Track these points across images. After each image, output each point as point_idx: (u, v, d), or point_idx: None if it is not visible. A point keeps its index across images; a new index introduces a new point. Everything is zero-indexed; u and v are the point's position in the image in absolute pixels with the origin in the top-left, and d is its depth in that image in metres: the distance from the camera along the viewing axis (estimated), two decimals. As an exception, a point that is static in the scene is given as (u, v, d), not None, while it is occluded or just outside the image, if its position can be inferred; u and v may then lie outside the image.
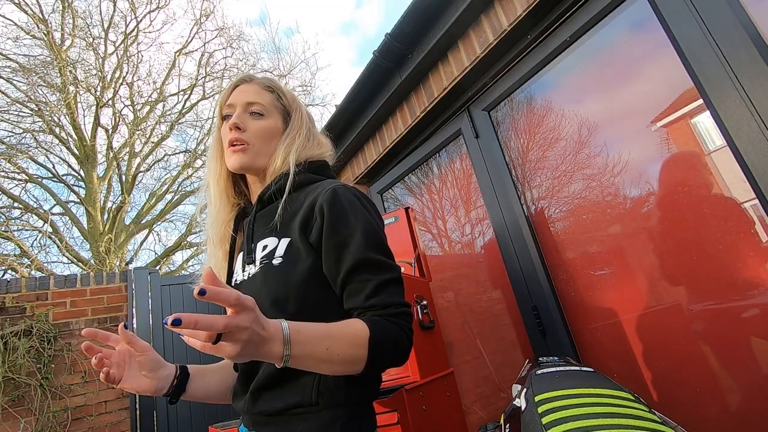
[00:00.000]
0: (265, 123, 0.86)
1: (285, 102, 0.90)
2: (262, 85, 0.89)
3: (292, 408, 0.69)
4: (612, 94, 1.51)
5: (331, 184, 0.79)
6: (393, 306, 0.70)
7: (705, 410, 1.24)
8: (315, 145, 0.92)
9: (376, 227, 0.76)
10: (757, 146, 1.07)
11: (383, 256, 0.74)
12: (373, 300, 0.69)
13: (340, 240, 0.73)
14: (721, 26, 1.13)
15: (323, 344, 0.61)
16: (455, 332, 2.22)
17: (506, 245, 1.81)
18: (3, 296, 2.95)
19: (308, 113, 0.94)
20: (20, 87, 8.69)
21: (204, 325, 0.47)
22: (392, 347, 0.66)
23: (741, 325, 1.17)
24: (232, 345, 0.50)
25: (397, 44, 1.97)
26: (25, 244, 8.29)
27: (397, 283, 0.73)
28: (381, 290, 0.70)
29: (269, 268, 0.76)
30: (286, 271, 0.74)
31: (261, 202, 0.86)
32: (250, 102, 0.86)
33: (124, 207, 9.61)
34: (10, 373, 2.77)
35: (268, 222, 0.82)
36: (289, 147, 0.85)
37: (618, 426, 0.60)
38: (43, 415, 2.79)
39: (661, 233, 1.36)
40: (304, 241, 0.75)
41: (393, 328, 0.67)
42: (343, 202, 0.75)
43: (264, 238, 0.80)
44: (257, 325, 0.52)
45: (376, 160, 2.57)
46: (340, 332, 0.64)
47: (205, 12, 11.09)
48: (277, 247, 0.77)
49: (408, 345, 0.69)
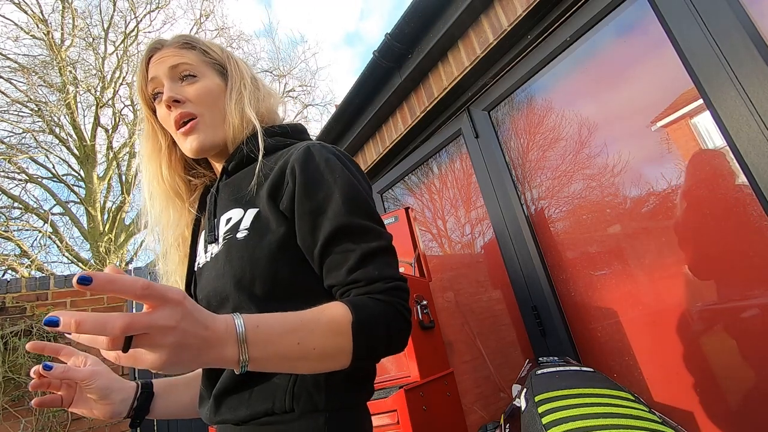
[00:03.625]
0: (202, 84, 0.71)
1: (214, 55, 0.75)
2: (179, 45, 0.73)
3: (260, 416, 0.56)
4: (612, 94, 1.51)
5: (305, 143, 0.67)
6: (382, 280, 0.57)
7: (705, 410, 1.24)
8: (266, 94, 0.78)
9: (359, 188, 0.63)
10: (757, 146, 1.07)
11: (368, 220, 0.61)
12: (357, 273, 0.57)
13: (316, 205, 0.60)
14: (721, 26, 1.13)
15: (292, 339, 0.48)
16: (455, 332, 2.22)
17: (506, 245, 1.81)
18: (3, 296, 2.95)
19: (244, 62, 0.79)
20: (20, 87, 8.71)
21: (91, 326, 0.34)
22: (384, 331, 0.54)
23: (741, 325, 1.17)
24: (152, 353, 0.39)
25: (397, 44, 1.97)
26: (25, 244, 8.30)
27: (387, 253, 0.60)
28: (366, 261, 0.57)
29: (233, 243, 0.63)
30: (252, 245, 0.61)
31: (226, 172, 0.73)
32: (173, 65, 0.70)
33: (124, 207, 9.61)
34: (10, 373, 2.77)
35: (233, 192, 0.70)
36: (240, 102, 0.72)
37: (618, 426, 0.60)
38: (43, 415, 2.80)
39: (661, 233, 1.36)
40: (273, 209, 0.63)
41: (382, 307, 0.55)
42: (318, 161, 0.63)
43: (227, 211, 0.68)
44: (191, 323, 0.40)
45: (376, 160, 2.57)
46: (313, 320, 0.51)
47: (205, 12, 11.09)
48: (243, 218, 0.64)
49: (405, 326, 0.57)
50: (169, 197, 0.77)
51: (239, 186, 0.69)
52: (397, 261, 0.62)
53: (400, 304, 0.57)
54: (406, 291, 0.59)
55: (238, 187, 0.70)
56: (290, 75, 12.34)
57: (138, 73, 0.74)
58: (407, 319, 0.57)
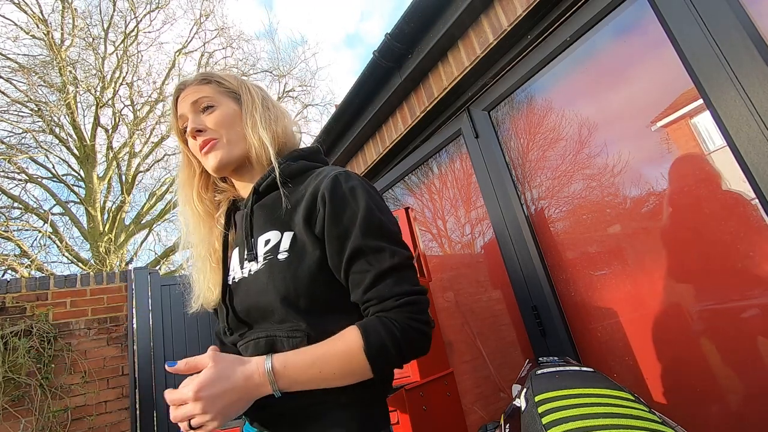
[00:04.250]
0: (219, 111, 0.82)
1: (228, 85, 0.86)
2: (197, 82, 0.85)
3: (306, 407, 0.68)
4: (612, 94, 1.51)
5: (332, 171, 0.75)
6: (393, 297, 0.65)
7: (705, 410, 1.24)
8: (279, 114, 0.88)
9: (376, 211, 0.71)
10: (757, 146, 1.07)
11: (383, 240, 0.69)
12: (370, 293, 0.66)
13: (342, 230, 0.69)
14: (721, 26, 1.13)
15: (314, 370, 0.63)
16: (455, 332, 2.22)
17: (506, 245, 1.81)
18: (3, 296, 2.95)
19: (256, 86, 0.90)
20: (20, 87, 8.70)
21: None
22: (395, 346, 0.62)
23: (741, 325, 1.17)
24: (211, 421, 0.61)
25: (397, 44, 1.97)
26: (25, 244, 8.30)
27: (399, 270, 0.68)
28: (379, 281, 0.66)
29: (275, 263, 0.72)
30: (294, 266, 0.70)
31: (257, 193, 0.81)
32: (195, 102, 0.83)
33: (124, 207, 9.61)
34: (11, 373, 2.77)
35: (268, 214, 0.78)
36: (255, 125, 0.82)
37: (618, 426, 0.60)
38: (43, 415, 2.80)
39: (661, 233, 1.36)
40: (309, 234, 0.72)
41: (390, 326, 0.63)
42: (343, 190, 0.72)
43: (265, 232, 0.76)
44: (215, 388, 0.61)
45: (376, 160, 2.57)
46: (330, 351, 0.63)
47: (205, 12, 11.09)
48: (281, 241, 0.73)
49: (416, 336, 0.64)
50: (200, 217, 0.88)
51: (272, 208, 0.78)
52: (411, 273, 0.70)
53: (412, 318, 0.65)
54: (418, 303, 0.67)
55: (271, 209, 0.78)
56: (290, 75, 12.33)
57: (171, 113, 0.88)
58: (419, 329, 0.65)
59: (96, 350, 3.16)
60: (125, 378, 3.20)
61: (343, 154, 2.75)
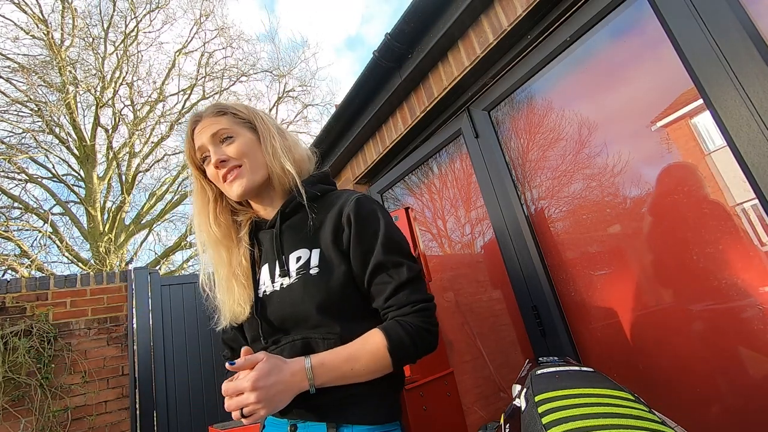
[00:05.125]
0: (239, 141, 0.89)
1: (243, 115, 0.92)
2: (213, 114, 0.91)
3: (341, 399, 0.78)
4: (612, 94, 1.51)
5: (353, 195, 0.87)
6: (410, 305, 0.78)
7: (705, 410, 1.24)
8: (294, 141, 0.97)
9: (394, 231, 0.84)
10: (757, 146, 1.07)
11: (401, 257, 0.81)
12: (391, 301, 0.79)
13: (366, 247, 0.81)
14: (721, 26, 1.12)
15: (346, 367, 0.74)
16: (455, 332, 2.22)
17: (506, 245, 1.81)
18: (3, 296, 2.95)
19: (267, 114, 0.97)
20: (20, 87, 8.70)
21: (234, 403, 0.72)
22: (412, 344, 0.75)
23: (741, 325, 1.17)
24: (260, 410, 0.70)
25: (397, 44, 1.97)
26: (25, 244, 8.30)
27: (415, 282, 0.80)
28: (398, 291, 0.79)
29: (308, 278, 0.82)
30: (326, 279, 0.81)
31: (284, 215, 0.90)
32: (214, 133, 0.88)
33: (124, 207, 9.61)
34: (10, 373, 2.77)
35: (295, 234, 0.88)
36: (276, 154, 0.89)
37: (618, 426, 0.60)
38: (43, 415, 2.80)
39: (661, 233, 1.36)
40: (336, 250, 0.83)
41: (408, 328, 0.76)
42: (367, 212, 0.84)
43: (295, 250, 0.86)
44: (269, 379, 0.71)
45: (376, 160, 2.57)
46: (361, 351, 0.75)
47: (205, 12, 11.09)
48: (311, 257, 0.84)
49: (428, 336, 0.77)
50: (219, 241, 0.94)
51: (299, 228, 0.88)
52: (423, 284, 0.82)
53: (424, 321, 0.78)
54: (429, 309, 0.80)
55: (298, 229, 0.88)
56: (290, 75, 12.33)
57: (186, 143, 0.94)
58: (429, 329, 0.78)
59: (96, 350, 3.16)
60: (125, 378, 3.20)
61: (343, 153, 2.75)
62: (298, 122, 12.71)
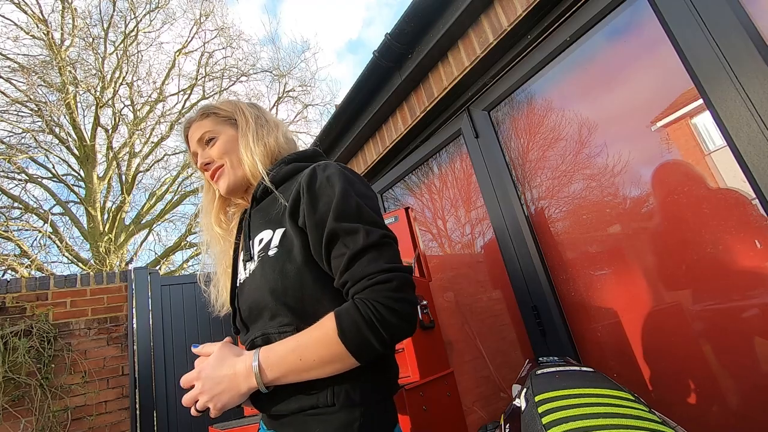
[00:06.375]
0: (220, 141, 0.90)
1: (225, 113, 0.93)
2: (198, 118, 0.94)
3: (306, 409, 0.68)
4: (612, 94, 1.51)
5: (314, 164, 0.78)
6: (366, 277, 0.63)
7: (705, 410, 1.24)
8: (272, 127, 0.93)
9: (354, 195, 0.70)
10: (757, 146, 1.07)
11: (358, 221, 0.67)
12: (346, 276, 0.65)
13: (319, 217, 0.69)
14: (721, 26, 1.12)
15: (294, 357, 0.64)
16: (455, 332, 2.22)
17: (506, 245, 1.81)
18: (3, 296, 2.95)
19: (251, 106, 0.96)
20: (20, 87, 8.70)
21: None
22: (370, 328, 0.61)
23: (741, 324, 1.17)
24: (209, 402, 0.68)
25: (397, 44, 1.97)
26: (25, 244, 8.30)
27: (373, 249, 0.65)
28: (353, 262, 0.65)
29: (266, 259, 0.74)
30: (282, 260, 0.72)
31: (255, 199, 0.87)
32: (199, 138, 0.92)
33: (124, 207, 9.61)
34: (10, 373, 2.77)
35: (263, 216, 0.83)
36: (247, 145, 0.88)
37: (618, 426, 0.60)
38: (43, 415, 2.80)
39: (661, 233, 1.36)
40: (294, 227, 0.73)
41: (363, 307, 0.61)
42: (320, 179, 0.73)
43: (260, 232, 0.80)
44: (215, 374, 0.68)
45: (376, 160, 2.57)
46: (308, 338, 0.64)
47: (205, 12, 11.09)
48: (273, 238, 0.76)
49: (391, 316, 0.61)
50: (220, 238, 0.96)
51: (267, 210, 0.82)
52: (388, 251, 0.67)
53: (386, 297, 0.62)
54: (391, 281, 0.63)
55: (266, 212, 0.82)
56: (290, 75, 12.33)
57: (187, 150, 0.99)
58: (393, 308, 0.61)
59: (96, 350, 3.16)
60: (125, 378, 3.20)
61: (343, 153, 2.75)
62: (298, 122, 12.72)
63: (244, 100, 1.03)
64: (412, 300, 0.65)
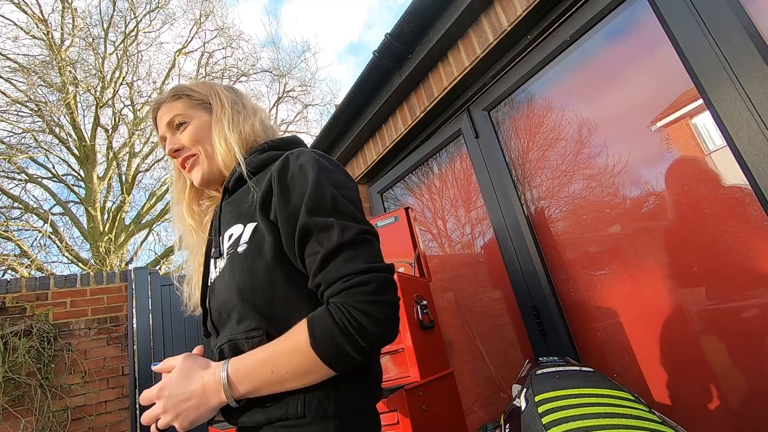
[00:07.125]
0: (192, 126, 0.81)
1: (199, 96, 0.84)
2: (169, 99, 0.85)
3: (274, 420, 0.61)
4: (612, 94, 1.51)
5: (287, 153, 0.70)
6: (341, 279, 0.56)
7: (705, 410, 1.24)
8: (249, 114, 0.84)
9: (329, 186, 0.63)
10: (757, 146, 1.07)
11: (332, 215, 0.60)
12: (319, 277, 0.59)
13: (292, 211, 0.62)
14: (721, 26, 1.13)
15: (265, 369, 0.57)
16: (455, 332, 2.22)
17: (506, 245, 1.81)
18: (3, 296, 2.95)
19: (227, 89, 0.88)
20: (20, 87, 8.70)
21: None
22: (345, 336, 0.54)
23: (741, 324, 1.17)
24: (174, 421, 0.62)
25: (397, 44, 1.97)
26: (25, 244, 8.30)
27: (349, 247, 0.58)
28: (327, 262, 0.58)
29: (235, 257, 0.67)
30: (251, 257, 0.65)
31: (227, 191, 0.79)
32: (169, 122, 0.83)
33: (124, 207, 9.61)
34: (10, 373, 2.77)
35: (234, 209, 0.75)
36: (221, 132, 0.79)
37: (618, 426, 0.60)
38: (43, 415, 2.79)
39: (661, 233, 1.36)
40: (266, 221, 0.66)
41: (337, 313, 0.55)
42: (293, 168, 0.65)
43: (230, 227, 0.73)
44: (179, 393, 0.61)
45: (376, 160, 2.57)
46: (280, 348, 0.58)
47: (205, 12, 11.09)
48: (243, 233, 0.69)
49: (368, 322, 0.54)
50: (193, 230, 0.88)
51: (239, 203, 0.74)
52: (366, 249, 0.60)
53: (361, 302, 0.55)
54: (368, 283, 0.56)
55: (237, 205, 0.74)
56: (290, 75, 12.34)
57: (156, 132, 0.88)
58: (370, 313, 0.54)
59: (96, 350, 3.16)
60: (125, 378, 3.20)
61: (343, 153, 2.75)
62: (298, 122, 12.72)
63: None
64: (393, 302, 0.58)
